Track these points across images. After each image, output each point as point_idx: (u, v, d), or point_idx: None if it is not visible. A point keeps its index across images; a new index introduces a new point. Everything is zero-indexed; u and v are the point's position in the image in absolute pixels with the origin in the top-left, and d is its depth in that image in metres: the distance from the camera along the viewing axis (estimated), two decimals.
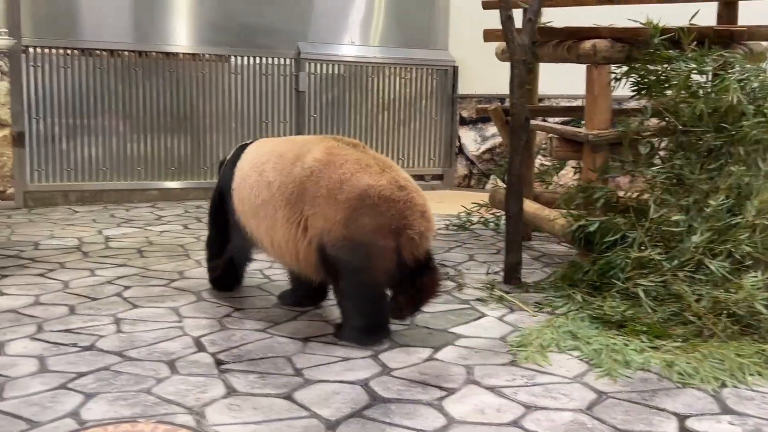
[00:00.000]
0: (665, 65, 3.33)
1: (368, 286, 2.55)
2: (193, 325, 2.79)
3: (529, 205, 3.91)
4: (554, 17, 4.10)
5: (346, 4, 6.47)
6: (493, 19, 4.27)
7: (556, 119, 5.41)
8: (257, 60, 6.14)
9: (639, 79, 3.42)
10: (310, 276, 2.73)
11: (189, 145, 5.97)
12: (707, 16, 3.68)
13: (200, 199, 5.99)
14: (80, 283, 3.33)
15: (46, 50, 5.44)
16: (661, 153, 3.38)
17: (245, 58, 6.10)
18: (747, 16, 3.83)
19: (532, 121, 3.98)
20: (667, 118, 3.26)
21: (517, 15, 3.44)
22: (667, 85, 3.34)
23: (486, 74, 6.49)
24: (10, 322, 2.77)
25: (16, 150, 5.34)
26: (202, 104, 5.98)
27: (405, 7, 6.67)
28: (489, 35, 4.25)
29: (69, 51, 5.51)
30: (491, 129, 6.60)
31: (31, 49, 5.38)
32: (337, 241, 2.51)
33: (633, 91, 3.46)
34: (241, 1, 6.05)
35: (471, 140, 6.79)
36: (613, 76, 3.45)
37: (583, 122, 4.34)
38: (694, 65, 3.24)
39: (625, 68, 3.45)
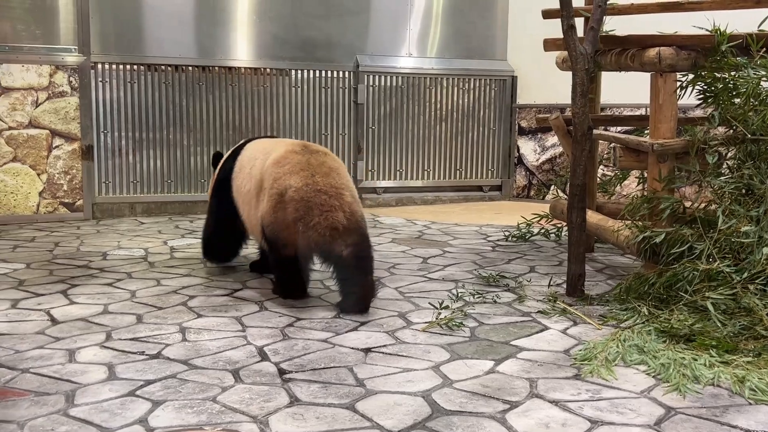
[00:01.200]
0: (733, 72, 3.25)
1: (275, 259, 3.26)
2: (256, 334, 2.83)
3: (592, 216, 3.85)
4: (616, 25, 4.04)
5: (403, 16, 6.51)
6: (552, 28, 4.24)
7: (619, 128, 5.32)
8: (317, 73, 6.23)
9: (706, 87, 3.34)
10: (259, 243, 3.50)
11: None
12: None
13: None
14: (147, 293, 3.42)
15: (114, 66, 5.62)
16: (729, 162, 3.29)
17: (305, 72, 6.19)
18: None
19: (595, 131, 3.92)
20: (735, 127, 3.18)
21: (578, 23, 3.40)
22: (735, 93, 3.25)
23: (545, 84, 6.44)
24: (81, 330, 2.86)
25: (85, 163, 5.52)
26: (263, 117, 6.09)
27: (462, 18, 6.68)
28: (549, 45, 4.21)
29: (135, 66, 5.68)
30: (551, 139, 6.53)
31: (99, 65, 5.57)
32: (266, 223, 3.19)
33: (699, 99, 3.39)
34: (301, 15, 6.15)
35: (530, 150, 6.73)
36: (678, 84, 3.38)
37: (646, 131, 4.27)
38: (763, 72, 3.15)
39: (691, 76, 3.38)
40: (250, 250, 4.10)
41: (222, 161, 3.86)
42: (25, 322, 2.95)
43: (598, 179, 4.68)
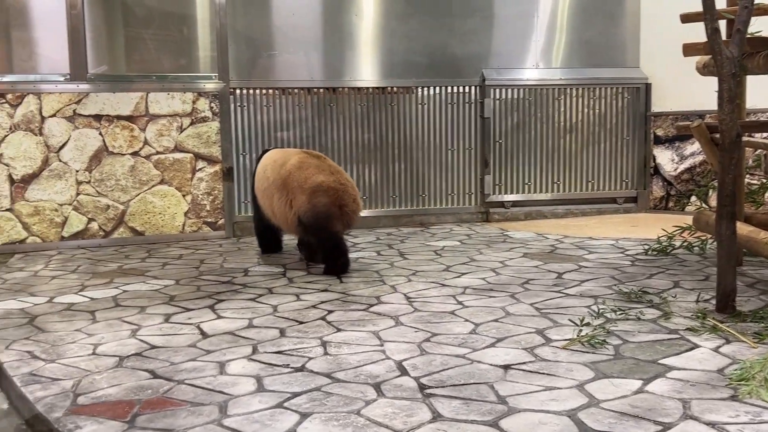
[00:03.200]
0: None
1: (326, 236, 4.22)
2: (394, 349, 2.86)
3: (742, 228, 3.63)
4: (761, 26, 3.81)
5: (528, 27, 6.43)
6: (689, 32, 4.07)
7: (765, 134, 5.01)
8: (442, 89, 6.26)
9: None
10: (293, 233, 4.54)
11: (378, 175, 6.19)
12: None
13: (390, 226, 6.18)
14: (288, 307, 3.54)
15: (250, 91, 5.89)
16: None
17: (431, 89, 6.24)
18: None
19: (743, 137, 3.71)
20: None
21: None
22: None
23: (681, 90, 6.17)
24: (228, 344, 2.99)
25: (225, 184, 5.81)
26: (390, 135, 6.19)
27: (590, 26, 6.52)
28: (689, 49, 4.03)
29: (270, 90, 5.93)
30: (690, 147, 6.24)
31: (237, 91, 5.85)
32: (304, 212, 4.18)
33: None
34: (426, 32, 6.21)
35: (667, 160, 6.45)
36: None
37: None
38: None
39: None
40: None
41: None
42: (177, 336, 3.12)
43: (746, 188, 4.42)
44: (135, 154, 5.63)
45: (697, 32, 3.31)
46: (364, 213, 6.09)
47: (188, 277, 4.34)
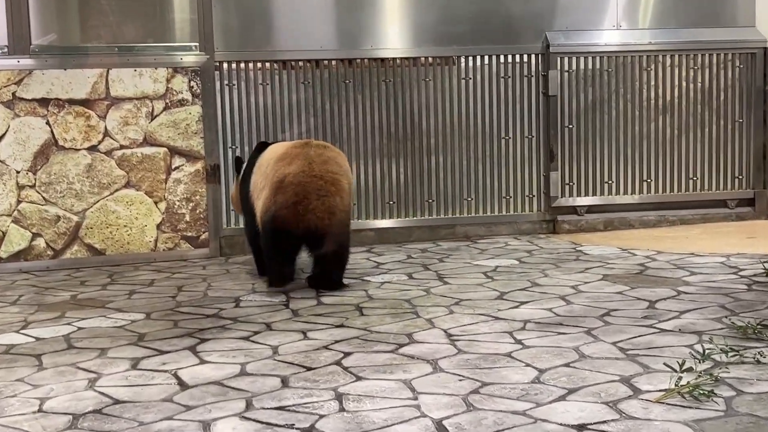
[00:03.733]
0: None
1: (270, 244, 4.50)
2: (431, 403, 2.85)
3: None
4: None
5: None
6: None
7: None
8: (493, 59, 6.25)
9: None
10: None
11: (409, 173, 6.20)
12: None
13: (426, 240, 6.18)
14: (291, 349, 3.55)
15: (242, 65, 5.93)
16: None
17: (477, 58, 6.25)
18: None
19: None
20: None
21: None
22: None
23: None
24: (215, 397, 3.00)
25: (210, 187, 5.84)
26: (425, 120, 6.19)
27: None
28: None
29: (267, 64, 5.97)
30: None
31: (224, 65, 5.89)
32: (264, 210, 4.43)
33: None
34: None
35: None
36: None
37: None
38: None
39: None
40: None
41: (245, 163, 5.13)
42: (149, 387, 3.15)
43: None
44: (93, 149, 5.70)
45: None
46: (390, 223, 6.12)
47: (162, 309, 4.37)
